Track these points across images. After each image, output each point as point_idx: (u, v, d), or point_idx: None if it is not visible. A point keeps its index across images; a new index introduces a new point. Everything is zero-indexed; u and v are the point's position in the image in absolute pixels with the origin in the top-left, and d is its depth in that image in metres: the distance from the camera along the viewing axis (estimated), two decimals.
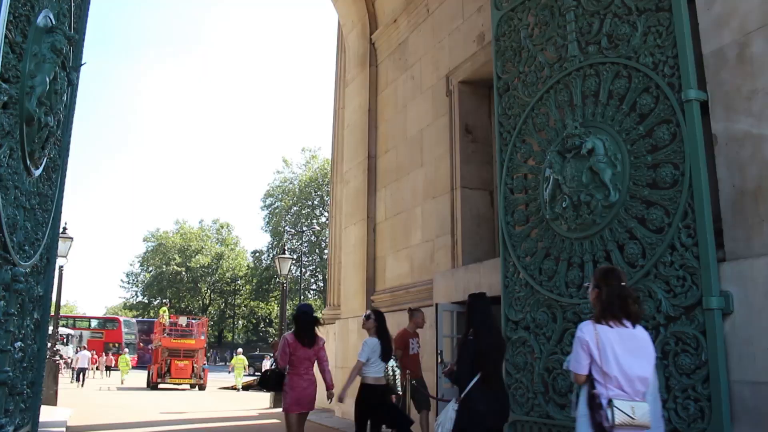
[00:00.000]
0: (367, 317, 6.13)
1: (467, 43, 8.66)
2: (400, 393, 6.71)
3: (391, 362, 6.32)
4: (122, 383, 24.88)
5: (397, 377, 6.52)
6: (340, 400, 5.99)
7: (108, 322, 42.34)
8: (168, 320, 25.06)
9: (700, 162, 4.14)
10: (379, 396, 5.84)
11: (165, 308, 28.12)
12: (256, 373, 29.26)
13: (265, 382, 5.97)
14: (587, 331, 3.11)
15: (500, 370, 4.72)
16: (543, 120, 5.65)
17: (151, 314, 47.10)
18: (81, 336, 36.67)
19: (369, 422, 5.83)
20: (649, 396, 3.10)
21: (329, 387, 5.82)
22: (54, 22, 3.87)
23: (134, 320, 45.35)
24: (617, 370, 3.01)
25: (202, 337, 25.33)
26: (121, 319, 43.37)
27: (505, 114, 6.10)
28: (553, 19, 5.59)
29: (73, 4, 4.37)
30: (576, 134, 5.04)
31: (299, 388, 5.57)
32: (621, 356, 3.02)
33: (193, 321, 26.33)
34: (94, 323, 41.88)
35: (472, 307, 4.69)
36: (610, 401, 2.97)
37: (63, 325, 32.44)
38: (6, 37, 3.05)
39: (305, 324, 5.74)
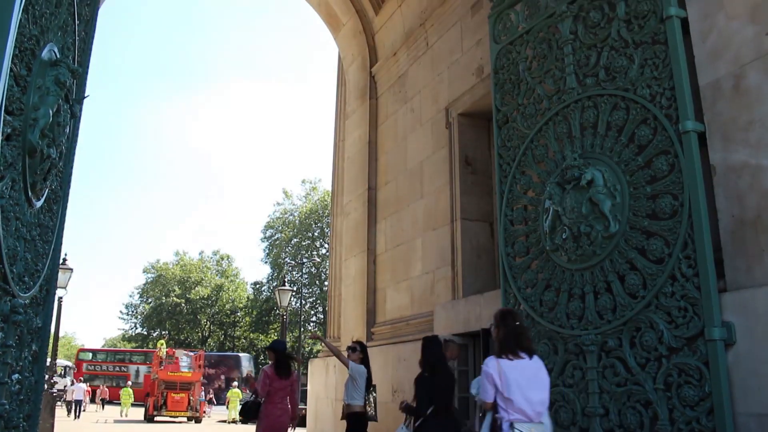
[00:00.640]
0: (353, 349, 6.70)
1: (466, 75, 8.75)
2: (377, 421, 7.01)
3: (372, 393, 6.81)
4: (125, 416, 24.73)
5: (375, 406, 6.93)
6: None
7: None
8: (165, 353, 24.98)
9: (699, 192, 4.15)
10: (365, 424, 6.45)
11: (162, 341, 27.96)
12: None
13: (246, 412, 6.54)
14: (491, 365, 3.66)
15: (451, 403, 5.51)
16: (542, 151, 5.68)
17: (150, 346, 46.70)
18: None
19: None
20: (544, 417, 3.63)
21: (293, 417, 6.43)
22: (58, 56, 3.91)
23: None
24: (519, 396, 3.53)
25: (199, 370, 25.21)
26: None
27: (505, 146, 6.14)
28: (551, 52, 5.66)
29: (77, 38, 4.43)
30: (575, 165, 5.07)
31: (273, 416, 6.22)
32: (521, 384, 3.56)
33: (190, 354, 26.20)
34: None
35: (427, 349, 5.47)
36: (511, 424, 3.50)
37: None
38: (11, 70, 3.09)
39: (284, 357, 6.50)
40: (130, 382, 31.59)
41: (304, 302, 42.86)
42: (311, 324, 45.57)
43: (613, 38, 5.01)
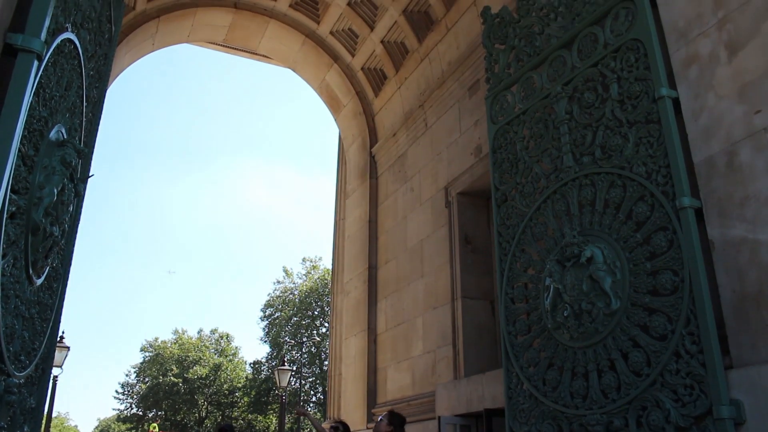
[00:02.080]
0: (335, 429, 6.61)
1: (465, 155, 8.90)
2: None
3: None
4: None
5: None
6: None
7: None
8: None
9: (698, 268, 4.16)
10: None
11: (155, 424, 27.29)
12: None
13: None
14: None
15: None
16: (541, 229, 5.72)
17: (145, 427, 45.49)
18: None
19: None
20: None
21: None
22: (65, 136, 4.01)
23: None
24: None
25: None
26: None
27: (504, 224, 6.18)
28: (547, 131, 5.78)
29: (84, 119, 4.54)
30: (574, 243, 5.09)
31: None
32: None
33: None
34: None
35: None
36: None
37: None
38: (19, 150, 3.16)
39: None
40: None
41: (303, 382, 42.06)
42: (311, 404, 44.55)
43: (607, 118, 5.13)
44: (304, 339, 41.63)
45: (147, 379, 52.44)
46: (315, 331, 43.76)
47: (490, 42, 6.82)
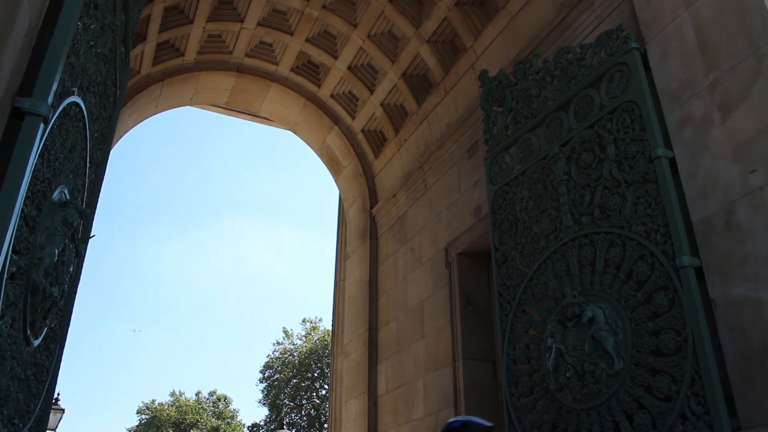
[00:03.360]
0: None
1: (464, 216, 8.94)
2: None
3: None
4: None
5: None
6: None
7: None
8: None
9: (701, 327, 4.13)
10: None
11: None
12: None
13: None
14: None
15: None
16: (542, 289, 5.70)
17: None
18: None
19: None
20: None
21: None
22: (68, 197, 4.04)
23: None
24: None
25: None
26: None
27: (505, 284, 6.17)
28: (546, 192, 5.83)
29: (87, 180, 4.59)
30: (575, 303, 5.07)
31: None
32: None
33: None
34: None
35: None
36: None
37: None
38: (22, 211, 3.18)
39: None
40: None
41: None
42: None
43: (605, 178, 5.19)
44: (304, 401, 40.89)
45: None
46: (315, 394, 43.00)
47: (488, 104, 6.95)
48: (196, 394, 54.31)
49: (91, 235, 4.90)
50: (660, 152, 4.77)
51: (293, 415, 40.54)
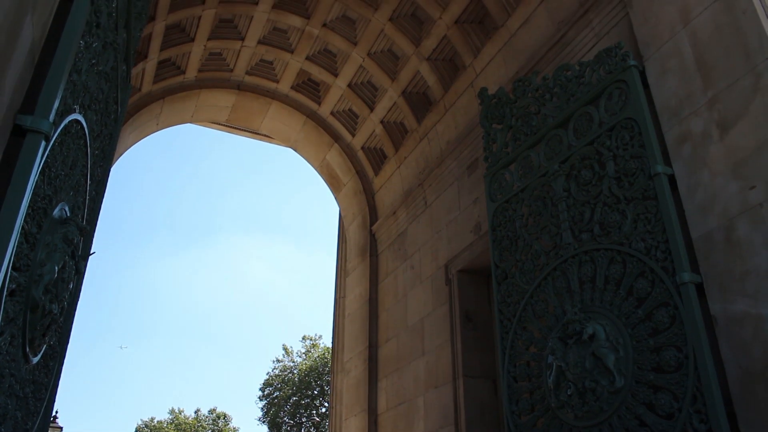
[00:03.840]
0: None
1: (465, 233, 8.94)
2: None
3: None
4: None
5: None
6: None
7: None
8: None
9: (702, 344, 4.12)
10: None
11: None
12: None
13: None
14: None
15: None
16: (542, 306, 5.69)
17: None
18: None
19: None
20: None
21: None
22: (69, 214, 4.04)
23: None
24: None
25: None
26: None
27: (505, 302, 6.16)
28: (546, 209, 5.84)
29: (88, 197, 4.60)
30: (576, 320, 5.06)
31: None
32: None
33: None
34: None
35: None
36: None
37: None
38: (23, 228, 3.18)
39: None
40: None
41: None
42: None
43: (605, 195, 5.20)
44: (304, 419, 40.63)
45: None
46: (314, 411, 42.75)
47: (487, 122, 6.98)
48: (196, 412, 53.99)
49: (92, 252, 4.90)
50: (659, 169, 4.78)
51: None
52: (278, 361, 46.60)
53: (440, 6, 8.78)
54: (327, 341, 39.96)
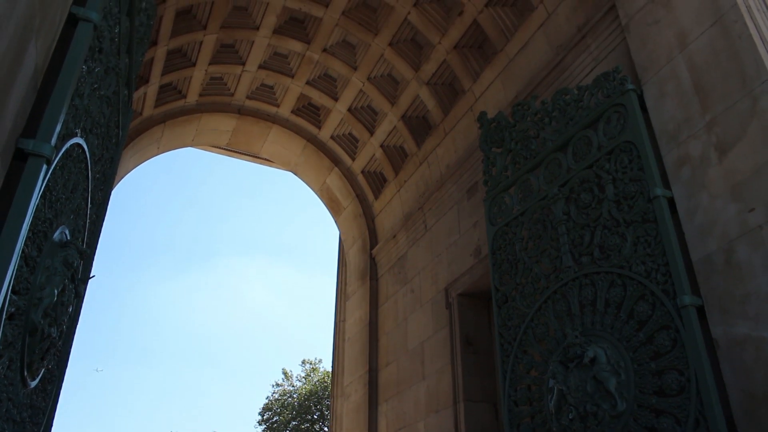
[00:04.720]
0: None
1: (464, 256, 8.93)
2: None
3: None
4: None
5: None
6: None
7: None
8: None
9: (704, 367, 4.10)
10: None
11: None
12: None
13: None
14: None
15: None
16: (543, 330, 5.67)
17: None
18: None
19: None
20: None
21: None
22: (69, 238, 4.05)
23: None
24: None
25: None
26: None
27: (505, 325, 6.14)
28: (545, 232, 5.84)
29: (88, 221, 4.61)
30: (576, 343, 5.04)
31: None
32: None
33: None
34: None
35: None
36: None
37: None
38: (23, 251, 3.18)
39: None
40: None
41: None
42: None
43: (604, 218, 5.20)
44: None
45: None
46: None
47: (487, 146, 7.01)
48: None
49: (91, 275, 4.90)
50: (659, 192, 4.79)
51: None
52: (278, 385, 46.27)
53: (439, 31, 8.85)
54: (327, 365, 39.72)
